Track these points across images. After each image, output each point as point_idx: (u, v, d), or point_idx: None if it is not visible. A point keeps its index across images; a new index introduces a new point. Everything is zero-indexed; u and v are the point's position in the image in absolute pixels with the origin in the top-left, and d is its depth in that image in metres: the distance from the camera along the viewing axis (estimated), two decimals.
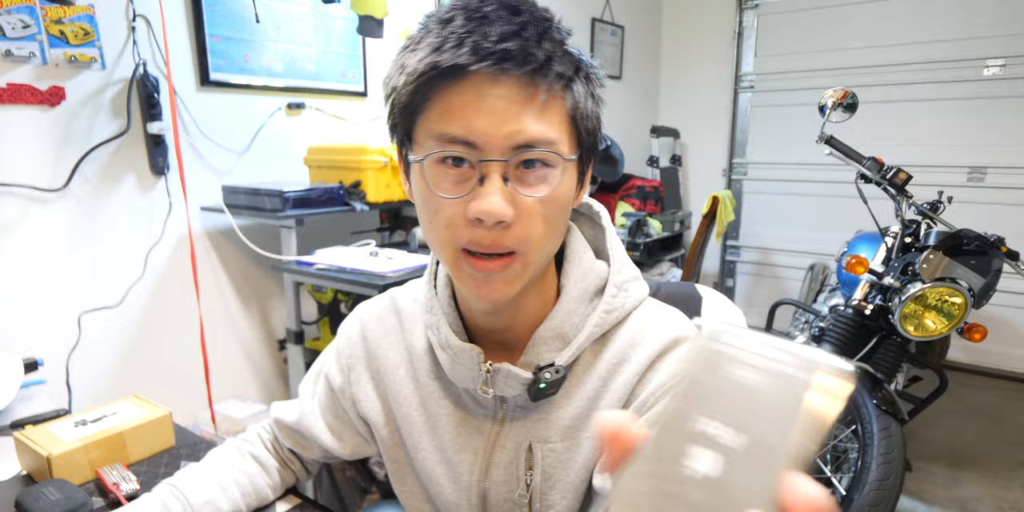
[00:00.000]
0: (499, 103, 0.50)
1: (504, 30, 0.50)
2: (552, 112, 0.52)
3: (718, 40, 3.83)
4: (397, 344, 0.70)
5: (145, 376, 1.89)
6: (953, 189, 2.17)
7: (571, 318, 0.61)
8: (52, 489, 0.78)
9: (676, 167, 4.01)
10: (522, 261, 0.55)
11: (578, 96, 0.54)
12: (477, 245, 0.53)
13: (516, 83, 0.50)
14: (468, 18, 0.51)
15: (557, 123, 0.53)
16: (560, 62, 0.52)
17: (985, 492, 2.14)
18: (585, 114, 0.55)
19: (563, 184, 0.54)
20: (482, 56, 0.49)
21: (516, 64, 0.49)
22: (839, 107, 1.81)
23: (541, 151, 0.52)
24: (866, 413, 1.60)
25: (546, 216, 0.54)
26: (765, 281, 3.97)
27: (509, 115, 0.50)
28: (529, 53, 0.50)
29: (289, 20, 2.10)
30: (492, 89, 0.50)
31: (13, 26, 1.51)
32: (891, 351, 1.77)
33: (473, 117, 0.50)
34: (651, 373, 0.59)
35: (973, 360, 3.29)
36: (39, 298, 1.66)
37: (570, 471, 0.61)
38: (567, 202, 0.56)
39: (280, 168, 2.18)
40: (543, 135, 0.51)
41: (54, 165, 1.65)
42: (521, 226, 0.53)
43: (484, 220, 0.51)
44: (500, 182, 0.51)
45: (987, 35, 3.03)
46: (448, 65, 0.50)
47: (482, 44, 0.49)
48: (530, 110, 0.51)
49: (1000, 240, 1.68)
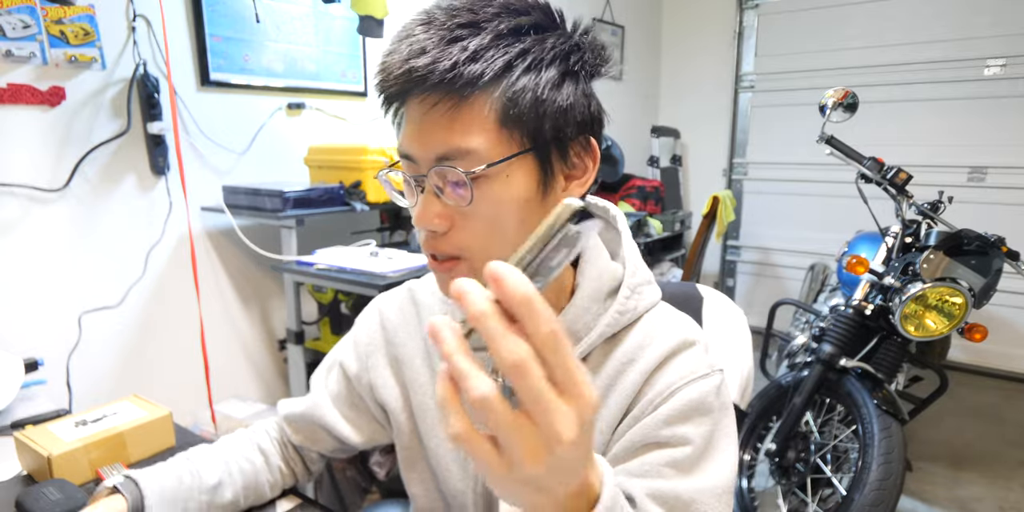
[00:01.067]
0: (420, 118, 0.54)
1: (410, 49, 0.52)
2: (468, 120, 0.52)
3: (718, 40, 3.83)
4: (415, 334, 0.73)
5: (145, 376, 1.89)
6: (953, 189, 2.17)
7: (584, 316, 0.62)
8: (52, 489, 0.78)
9: (676, 167, 4.01)
10: (467, 266, 0.57)
11: (507, 94, 0.52)
12: (428, 250, 0.58)
13: (431, 98, 0.52)
14: (397, 40, 0.54)
15: (476, 130, 0.52)
16: (471, 65, 0.50)
17: (986, 492, 2.14)
18: (519, 113, 0.52)
19: (493, 192, 0.53)
20: (392, 81, 0.53)
21: (416, 84, 0.52)
22: (839, 107, 1.81)
23: (445, 167, 0.53)
24: (866, 413, 1.60)
25: (489, 220, 0.55)
26: (765, 281, 3.97)
27: (425, 130, 0.53)
28: (430, 69, 0.51)
29: (289, 20, 2.10)
30: (417, 105, 0.54)
31: (13, 26, 1.51)
32: (891, 351, 1.77)
33: (408, 134, 0.55)
34: (658, 373, 0.61)
35: (973, 360, 3.29)
36: (39, 298, 1.66)
37: None
38: (510, 208, 0.55)
39: (280, 168, 2.18)
40: (456, 146, 0.52)
41: (54, 165, 1.65)
42: (457, 234, 0.55)
43: (420, 228, 0.56)
44: (430, 195, 0.55)
45: (987, 35, 3.03)
46: (386, 94, 0.55)
47: (391, 70, 0.53)
48: (440, 123, 0.53)
49: (1000, 240, 1.68)
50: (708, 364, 0.61)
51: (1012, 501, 2.09)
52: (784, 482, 1.79)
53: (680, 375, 0.60)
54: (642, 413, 0.59)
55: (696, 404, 0.58)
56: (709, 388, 0.59)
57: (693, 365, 0.61)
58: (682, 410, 0.58)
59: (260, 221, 1.97)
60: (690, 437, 0.57)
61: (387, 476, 0.85)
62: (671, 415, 0.58)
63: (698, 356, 0.62)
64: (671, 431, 0.57)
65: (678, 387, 0.59)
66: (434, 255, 0.58)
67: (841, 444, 1.72)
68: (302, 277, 1.88)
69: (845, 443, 1.72)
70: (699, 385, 0.59)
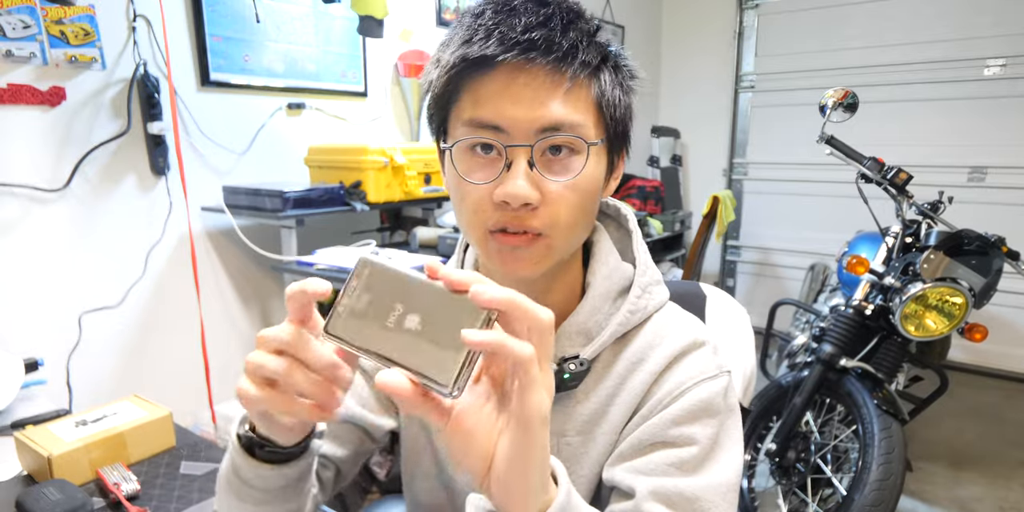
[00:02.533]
0: (526, 90, 0.53)
1: (530, 21, 0.52)
2: (577, 98, 0.54)
3: (718, 40, 3.83)
4: None
5: (145, 376, 1.89)
6: (954, 189, 2.17)
7: (595, 315, 0.62)
8: (53, 489, 0.78)
9: (676, 167, 4.01)
10: (547, 243, 0.56)
11: (604, 84, 0.56)
12: (504, 226, 0.56)
13: (542, 71, 0.53)
14: (496, 11, 0.54)
15: (583, 108, 0.55)
16: (585, 51, 0.54)
17: (986, 492, 2.14)
18: (611, 102, 0.57)
19: (589, 170, 0.56)
20: (509, 46, 0.52)
21: (541, 53, 0.52)
22: (840, 107, 1.81)
23: (565, 135, 0.54)
24: (867, 413, 1.60)
25: (572, 202, 0.56)
26: (765, 281, 3.97)
27: (535, 101, 0.53)
28: (554, 42, 0.52)
29: (289, 20, 2.10)
30: (519, 77, 0.53)
31: (13, 26, 1.51)
32: (892, 351, 1.77)
33: (501, 103, 0.53)
34: (668, 373, 0.61)
35: (974, 360, 3.29)
36: (40, 298, 1.66)
37: (583, 465, 0.62)
38: (594, 189, 0.58)
39: (280, 168, 2.18)
40: (567, 118, 0.53)
41: (54, 165, 1.65)
42: (546, 210, 0.55)
43: (510, 203, 0.53)
44: (526, 167, 0.54)
45: (987, 35, 3.03)
46: (477, 56, 0.52)
47: (509, 35, 0.52)
48: (555, 96, 0.53)
49: (1001, 240, 1.68)
50: (717, 365, 0.62)
51: (1012, 501, 2.09)
52: (784, 482, 1.79)
53: (689, 375, 0.60)
54: (650, 412, 0.60)
55: (704, 405, 0.58)
56: (717, 389, 0.60)
57: (702, 366, 0.61)
58: (690, 410, 0.58)
59: (260, 221, 1.97)
60: (696, 437, 0.57)
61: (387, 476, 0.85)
62: (679, 415, 0.58)
63: (707, 357, 0.62)
64: (678, 431, 0.58)
65: (687, 387, 0.59)
66: (508, 230, 0.55)
67: (841, 444, 1.72)
68: (302, 277, 1.88)
69: (845, 443, 1.72)
70: (708, 386, 0.59)
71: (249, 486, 0.54)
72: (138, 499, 0.84)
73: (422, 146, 2.18)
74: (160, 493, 0.86)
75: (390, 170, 2.01)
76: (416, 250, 2.08)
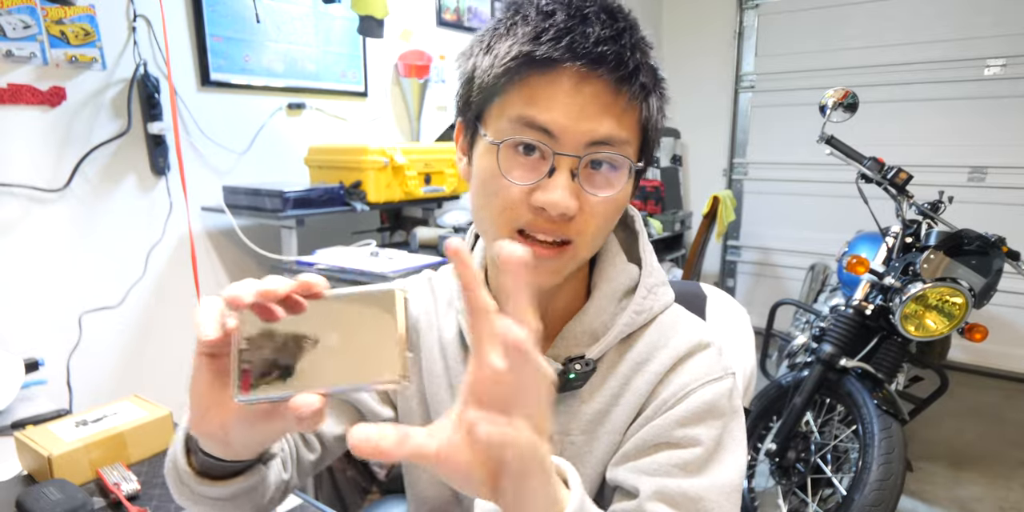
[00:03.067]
0: (585, 100, 0.53)
1: (603, 33, 0.52)
2: (630, 118, 0.55)
3: (718, 40, 3.83)
4: (433, 324, 0.72)
5: (146, 376, 1.89)
6: (954, 189, 2.17)
7: (601, 315, 0.63)
8: (53, 489, 0.78)
9: (676, 167, 4.00)
10: (573, 252, 0.57)
11: (652, 109, 0.57)
12: (534, 229, 0.55)
13: (604, 85, 0.53)
14: (570, 15, 0.53)
15: (631, 128, 0.55)
16: (645, 74, 0.54)
17: (986, 492, 2.14)
18: (655, 126, 0.58)
19: (625, 188, 0.57)
20: (579, 54, 0.51)
21: (609, 69, 0.52)
22: (840, 107, 1.81)
23: (612, 153, 0.54)
24: (867, 413, 1.60)
25: (606, 215, 0.57)
26: (766, 281, 3.97)
27: (592, 112, 0.53)
28: (622, 59, 0.52)
29: (289, 20, 2.10)
30: (581, 86, 0.52)
31: (14, 26, 1.51)
32: (892, 351, 1.77)
33: (558, 107, 0.53)
34: (673, 375, 0.61)
35: (974, 360, 3.29)
36: (40, 298, 1.66)
37: (587, 464, 0.63)
38: (624, 205, 0.59)
39: (281, 168, 2.18)
40: (618, 135, 0.54)
41: (55, 165, 1.65)
42: (581, 220, 0.55)
43: (548, 210, 0.53)
44: (568, 176, 0.53)
45: (988, 35, 3.03)
46: (544, 56, 0.52)
47: (581, 43, 0.51)
48: (612, 112, 0.53)
49: (1001, 240, 1.68)
50: (722, 367, 0.62)
51: (1012, 501, 2.09)
52: (784, 482, 1.79)
53: (694, 377, 0.60)
54: (655, 413, 0.60)
55: (709, 406, 0.59)
56: (722, 391, 0.60)
57: (707, 367, 0.61)
58: (695, 412, 0.58)
59: (260, 221, 1.97)
60: (701, 439, 0.58)
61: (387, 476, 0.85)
62: (684, 416, 0.58)
63: (713, 358, 0.62)
64: (683, 432, 0.58)
65: (692, 389, 0.59)
66: (537, 239, 0.55)
67: (841, 444, 1.72)
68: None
69: (845, 443, 1.72)
70: (713, 388, 0.60)
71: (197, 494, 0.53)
72: (138, 499, 0.84)
73: (422, 146, 2.18)
74: (160, 493, 0.86)
75: (390, 170, 2.02)
76: (416, 250, 2.08)
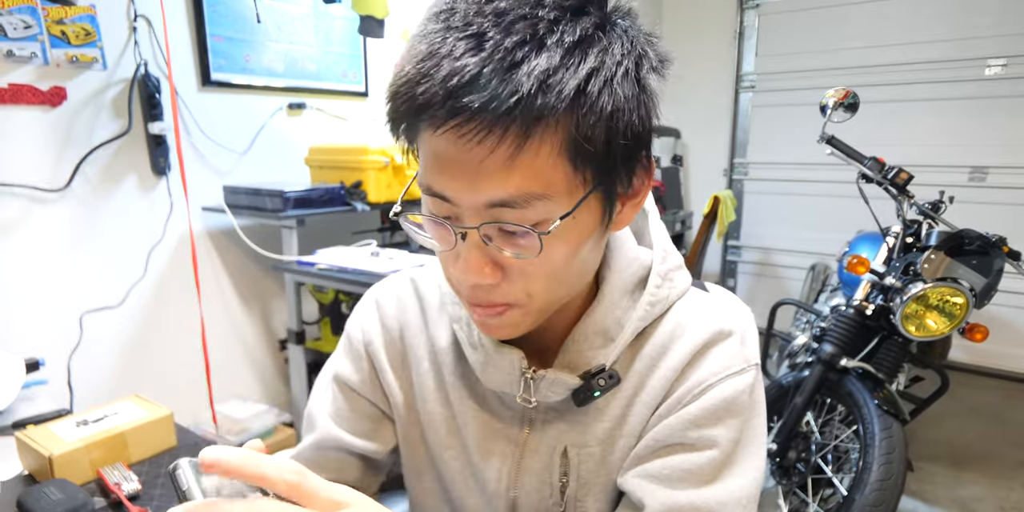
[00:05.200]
0: (467, 157, 0.42)
1: (460, 78, 0.40)
2: (537, 157, 0.42)
3: (719, 40, 3.83)
4: (420, 333, 0.65)
5: (146, 376, 1.89)
6: (954, 189, 2.16)
7: (614, 312, 0.56)
8: (54, 489, 0.78)
9: (677, 167, 4.00)
10: (521, 312, 0.50)
11: (583, 122, 0.42)
12: (470, 298, 0.50)
13: (484, 136, 0.41)
14: (427, 54, 0.42)
15: (545, 169, 0.43)
16: (547, 88, 0.40)
17: (987, 492, 2.14)
18: (597, 141, 0.43)
19: (560, 237, 0.45)
20: (435, 107, 0.41)
21: (466, 119, 0.40)
22: (840, 107, 1.81)
23: (512, 221, 0.44)
24: (867, 413, 1.60)
25: (542, 273, 0.47)
26: (766, 281, 3.97)
27: (479, 171, 0.42)
28: (492, 103, 0.39)
29: (290, 20, 2.10)
30: (460, 140, 0.41)
31: (15, 26, 1.51)
32: (892, 351, 1.77)
33: (445, 171, 0.44)
34: (690, 369, 0.55)
35: (974, 360, 3.29)
36: (41, 298, 1.66)
37: (604, 474, 0.58)
38: (576, 248, 0.48)
39: (281, 168, 2.18)
40: (516, 192, 0.42)
41: (55, 165, 1.65)
42: (511, 285, 0.47)
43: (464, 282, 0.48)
44: (478, 244, 0.45)
45: (988, 35, 3.03)
46: (409, 111, 0.43)
47: (433, 91, 0.40)
48: (498, 165, 0.42)
49: (1002, 240, 1.68)
50: (744, 358, 0.55)
51: (1013, 501, 2.09)
52: (785, 482, 1.79)
53: (712, 371, 0.54)
54: (668, 411, 0.55)
55: (728, 404, 0.53)
56: (743, 386, 0.54)
57: (728, 360, 0.55)
58: (712, 411, 0.53)
59: (261, 221, 1.97)
60: (717, 440, 0.53)
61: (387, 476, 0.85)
62: (700, 415, 0.53)
63: (734, 349, 0.56)
64: (698, 433, 0.53)
65: (710, 384, 0.54)
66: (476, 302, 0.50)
67: (842, 444, 1.72)
68: (303, 277, 1.88)
69: (846, 443, 1.72)
70: (733, 383, 0.54)
71: None
72: (139, 499, 0.84)
73: None
74: (161, 493, 0.86)
75: (391, 170, 2.02)
76: (416, 250, 2.08)
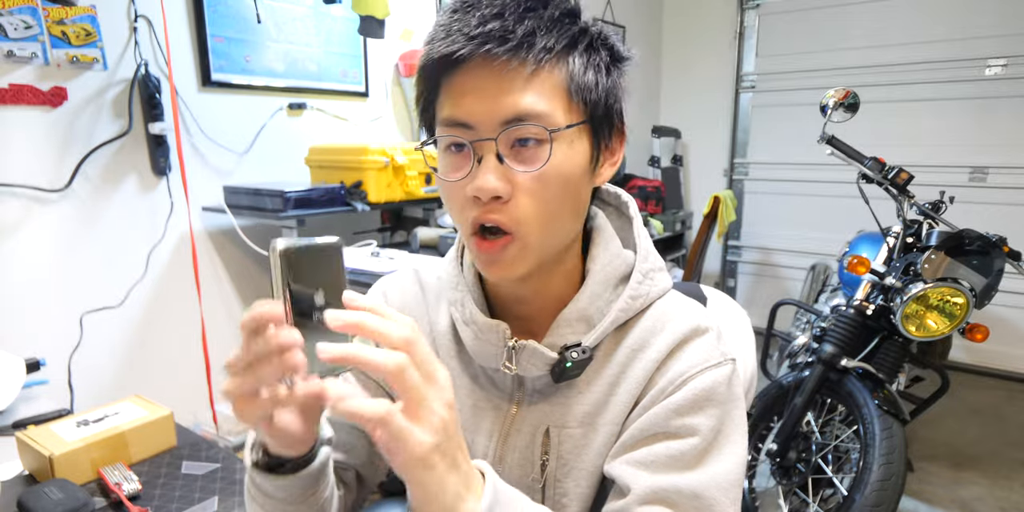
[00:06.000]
0: (487, 83, 0.53)
1: (484, 14, 0.52)
2: (542, 85, 0.54)
3: (719, 40, 3.83)
4: (422, 319, 0.70)
5: (147, 376, 1.90)
6: (955, 189, 2.17)
7: (596, 301, 0.62)
8: (54, 489, 0.78)
9: (677, 167, 4.00)
10: (519, 244, 0.56)
11: (574, 67, 0.55)
12: (482, 220, 0.56)
13: (501, 62, 0.52)
14: (456, 10, 0.54)
15: (548, 96, 0.54)
16: (546, 36, 0.53)
17: (987, 492, 2.14)
18: (585, 85, 0.55)
19: (558, 158, 0.55)
20: (464, 42, 0.52)
21: (497, 43, 0.52)
22: (840, 107, 1.81)
23: (528, 125, 0.53)
24: (868, 413, 1.59)
25: (543, 193, 0.55)
26: (766, 281, 3.97)
27: (497, 93, 0.53)
28: (508, 31, 0.52)
29: (290, 20, 2.10)
30: (478, 70, 0.53)
31: (15, 27, 1.52)
32: (893, 351, 1.77)
33: (464, 98, 0.54)
34: (670, 361, 0.60)
35: (975, 360, 3.29)
36: (41, 298, 1.66)
37: (585, 457, 0.62)
38: (571, 177, 0.56)
39: (281, 168, 2.18)
40: (530, 108, 0.53)
41: (56, 165, 1.65)
42: (516, 203, 0.55)
43: (480, 197, 0.54)
44: (494, 161, 0.54)
45: (988, 35, 3.03)
46: (438, 55, 0.53)
47: (463, 31, 0.52)
48: (515, 86, 0.53)
49: (1002, 240, 1.68)
50: (721, 352, 0.61)
51: (1014, 501, 2.09)
52: (785, 482, 1.79)
53: (691, 364, 0.59)
54: (652, 402, 0.59)
55: (707, 394, 0.57)
56: (721, 378, 0.59)
57: (706, 353, 0.60)
58: (692, 400, 0.57)
59: (261, 221, 1.97)
60: (698, 428, 0.57)
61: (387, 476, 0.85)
62: (681, 405, 0.57)
63: (711, 344, 0.61)
64: (680, 422, 0.57)
65: (689, 376, 0.58)
66: (483, 234, 0.56)
67: (842, 444, 1.72)
68: None
69: (846, 443, 1.72)
70: (711, 375, 0.58)
71: (272, 497, 0.55)
72: (139, 499, 0.84)
73: None
74: (161, 493, 0.86)
75: (391, 170, 2.02)
76: (417, 250, 2.08)
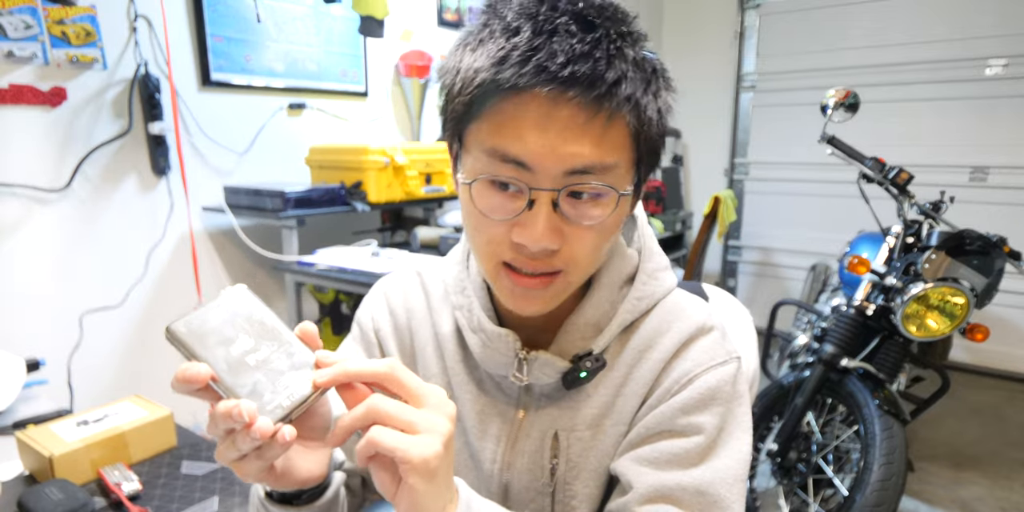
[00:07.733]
0: (558, 126, 0.48)
1: (573, 50, 0.47)
2: (614, 136, 0.50)
3: (720, 40, 3.83)
4: (425, 322, 0.70)
5: (147, 376, 1.89)
6: (955, 189, 2.17)
7: (603, 305, 0.61)
8: (54, 489, 0.78)
9: (678, 167, 4.00)
10: (565, 280, 0.55)
11: (644, 117, 0.51)
12: (518, 264, 0.53)
13: (578, 106, 0.48)
14: (535, 31, 0.48)
15: (618, 146, 0.51)
16: (631, 83, 0.49)
17: (987, 492, 2.14)
18: (649, 135, 0.53)
19: (616, 212, 0.53)
20: (546, 79, 0.46)
21: (583, 89, 0.47)
22: (841, 107, 1.81)
23: (594, 183, 0.50)
24: (868, 414, 1.59)
25: (595, 243, 0.53)
26: (767, 281, 3.96)
27: (567, 139, 0.48)
28: (597, 77, 0.47)
29: (290, 20, 2.10)
30: (552, 110, 0.48)
31: (15, 27, 1.52)
32: (893, 351, 1.77)
33: (529, 137, 0.49)
34: (676, 361, 0.60)
35: (975, 360, 3.28)
36: (41, 298, 1.66)
37: (593, 459, 0.62)
38: (617, 227, 0.55)
39: (281, 168, 2.18)
40: (599, 160, 0.49)
41: (56, 165, 1.65)
42: (567, 251, 0.52)
43: (528, 247, 0.51)
44: (549, 209, 0.50)
45: (989, 35, 3.02)
46: (508, 85, 0.48)
47: (547, 66, 0.46)
48: (590, 135, 0.49)
49: (1002, 240, 1.68)
50: (726, 351, 0.61)
51: (1014, 501, 2.09)
52: (786, 482, 1.79)
53: (697, 362, 0.59)
54: (658, 401, 0.59)
55: (712, 393, 0.58)
56: (726, 377, 0.59)
57: (711, 352, 0.60)
58: (698, 399, 0.57)
59: (261, 221, 1.97)
60: (703, 426, 0.57)
61: None
62: (687, 404, 0.57)
63: (716, 343, 0.61)
64: (686, 420, 0.57)
65: (695, 375, 0.58)
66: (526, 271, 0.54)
67: (843, 444, 1.72)
68: (303, 277, 1.88)
69: (847, 443, 1.72)
70: (716, 373, 0.59)
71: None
72: (139, 499, 0.84)
73: (423, 146, 2.18)
74: (161, 493, 0.86)
75: (391, 170, 2.02)
76: (417, 250, 2.08)
